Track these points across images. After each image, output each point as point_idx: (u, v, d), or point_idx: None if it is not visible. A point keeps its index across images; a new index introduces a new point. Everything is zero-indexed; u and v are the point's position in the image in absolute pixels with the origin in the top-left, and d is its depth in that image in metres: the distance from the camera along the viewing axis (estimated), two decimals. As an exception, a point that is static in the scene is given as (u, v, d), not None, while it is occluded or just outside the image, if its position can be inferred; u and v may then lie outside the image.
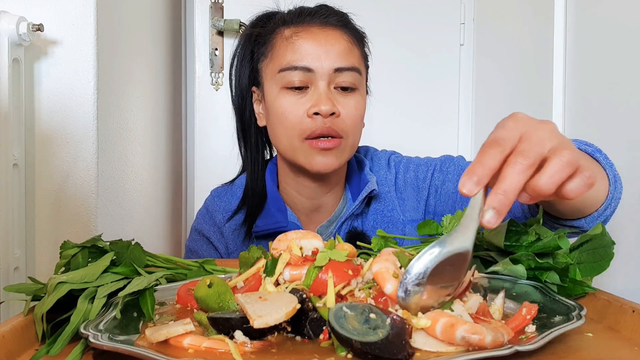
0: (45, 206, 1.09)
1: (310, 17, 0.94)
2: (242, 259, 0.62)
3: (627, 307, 0.54)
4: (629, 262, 1.13)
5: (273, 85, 0.93)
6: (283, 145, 0.94)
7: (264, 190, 1.01)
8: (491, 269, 0.65)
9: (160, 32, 1.69)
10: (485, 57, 1.95)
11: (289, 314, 0.46)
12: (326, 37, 0.92)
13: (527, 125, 0.49)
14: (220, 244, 1.03)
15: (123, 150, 1.33)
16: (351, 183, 1.02)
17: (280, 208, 0.99)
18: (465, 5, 2.00)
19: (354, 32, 0.97)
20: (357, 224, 0.99)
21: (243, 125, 1.02)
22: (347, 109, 0.91)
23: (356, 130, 0.94)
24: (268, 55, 0.95)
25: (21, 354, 0.50)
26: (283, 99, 0.91)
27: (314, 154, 0.90)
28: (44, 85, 1.08)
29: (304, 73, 0.90)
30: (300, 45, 0.91)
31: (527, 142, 0.47)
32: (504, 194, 0.45)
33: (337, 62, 0.90)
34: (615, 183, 0.74)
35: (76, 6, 1.09)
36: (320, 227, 1.01)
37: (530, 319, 0.49)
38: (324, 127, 0.89)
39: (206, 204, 1.09)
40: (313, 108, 0.88)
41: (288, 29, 0.94)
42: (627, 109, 1.18)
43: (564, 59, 1.51)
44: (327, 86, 0.90)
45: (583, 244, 0.64)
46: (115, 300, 0.55)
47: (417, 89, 2.00)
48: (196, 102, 1.82)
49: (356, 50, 0.95)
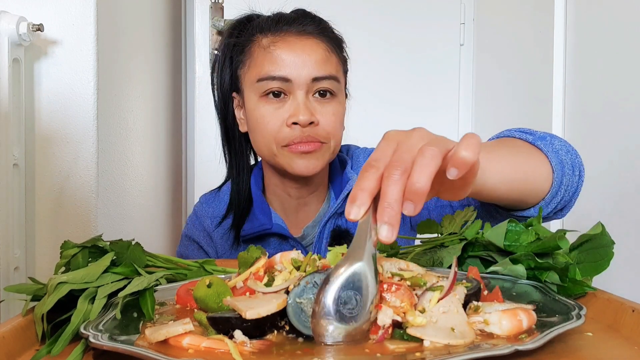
0: (45, 206, 1.09)
1: (288, 25, 0.95)
2: (241, 259, 0.62)
3: (627, 306, 0.54)
4: (629, 262, 1.13)
5: (252, 93, 0.94)
6: (264, 151, 0.95)
7: (249, 195, 1.02)
8: (491, 269, 0.65)
9: (160, 32, 1.69)
10: (485, 57, 1.95)
11: (280, 305, 0.47)
12: (303, 47, 0.92)
13: (397, 139, 0.50)
14: (210, 248, 1.05)
15: (123, 150, 1.33)
16: (334, 183, 1.03)
17: (265, 211, 1.01)
18: (465, 5, 2.00)
19: (332, 39, 0.97)
20: (340, 222, 0.99)
21: (227, 131, 1.03)
22: (325, 117, 0.92)
23: (336, 134, 0.95)
24: (246, 63, 0.96)
25: (21, 354, 0.50)
26: (262, 108, 0.92)
27: (294, 158, 0.92)
28: (44, 85, 1.08)
29: (282, 83, 0.91)
30: (278, 55, 0.91)
31: (397, 154, 0.48)
32: (389, 206, 0.45)
33: (314, 71, 0.91)
34: (563, 167, 0.73)
35: (76, 6, 1.09)
36: (306, 228, 1.02)
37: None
38: (302, 135, 0.90)
39: (195, 210, 1.10)
40: (291, 118, 0.90)
41: (266, 38, 0.94)
42: (627, 108, 1.19)
43: (564, 59, 1.51)
44: (306, 95, 0.91)
45: (583, 243, 0.64)
46: (115, 301, 0.55)
47: (417, 89, 2.00)
48: (196, 102, 1.82)
49: (334, 58, 0.96)
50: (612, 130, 1.21)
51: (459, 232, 0.75)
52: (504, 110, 1.82)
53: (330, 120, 0.93)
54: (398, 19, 1.95)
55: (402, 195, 0.46)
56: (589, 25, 1.38)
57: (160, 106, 1.68)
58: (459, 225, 0.76)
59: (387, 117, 1.88)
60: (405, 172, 0.46)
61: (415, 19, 1.98)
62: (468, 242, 0.69)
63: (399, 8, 1.96)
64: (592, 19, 1.37)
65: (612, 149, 1.08)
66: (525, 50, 1.70)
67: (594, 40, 1.35)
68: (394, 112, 1.91)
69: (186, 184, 1.92)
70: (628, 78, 1.19)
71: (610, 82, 1.26)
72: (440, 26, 2.00)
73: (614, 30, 1.26)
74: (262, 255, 0.62)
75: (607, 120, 1.25)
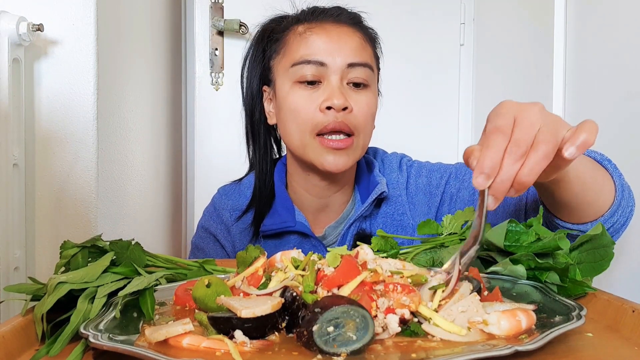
0: (45, 206, 1.09)
1: (324, 14, 0.95)
2: (239, 259, 0.62)
3: (627, 306, 0.54)
4: (629, 262, 1.13)
5: (285, 80, 0.93)
6: (294, 141, 0.93)
7: (272, 189, 1.01)
8: (491, 269, 0.65)
9: (160, 32, 1.69)
10: (485, 57, 1.95)
11: (275, 306, 0.47)
12: (339, 33, 0.92)
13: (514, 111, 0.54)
14: (227, 242, 1.03)
15: (123, 150, 1.33)
16: (360, 184, 1.01)
17: (288, 207, 0.99)
18: (465, 5, 2.00)
19: (367, 32, 0.98)
20: (365, 225, 0.98)
21: (252, 125, 1.02)
22: (359, 105, 0.91)
23: (367, 128, 0.93)
24: (280, 52, 0.95)
25: (21, 354, 0.50)
26: (295, 94, 0.91)
27: (324, 153, 0.90)
28: (44, 85, 1.08)
29: (316, 67, 0.90)
30: (314, 41, 0.91)
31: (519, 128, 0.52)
32: (501, 183, 0.51)
33: (350, 57, 0.90)
34: (622, 191, 0.74)
35: (76, 6, 1.09)
36: (328, 227, 1.00)
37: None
38: (336, 121, 0.88)
39: (214, 202, 1.08)
40: (326, 102, 0.88)
41: (301, 26, 0.94)
42: (627, 108, 1.18)
43: (564, 59, 1.50)
44: (340, 81, 0.90)
45: (583, 244, 0.64)
46: (115, 300, 0.55)
47: (417, 89, 2.00)
48: (196, 102, 1.82)
49: (369, 48, 0.96)
50: (612, 130, 1.21)
51: (459, 232, 0.75)
52: (504, 110, 1.82)
53: (364, 110, 0.91)
54: (398, 19, 1.95)
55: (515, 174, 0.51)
56: (589, 25, 1.38)
57: (160, 106, 1.68)
58: (459, 225, 0.76)
59: (387, 117, 1.88)
60: (523, 156, 0.51)
61: (415, 19, 1.98)
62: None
63: (399, 8, 1.96)
64: (592, 19, 1.37)
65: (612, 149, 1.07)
66: (525, 50, 1.70)
67: (594, 40, 1.35)
68: (394, 112, 1.90)
69: (186, 184, 1.92)
70: (628, 78, 1.19)
71: (611, 82, 1.26)
72: (440, 26, 2.00)
73: (614, 31, 1.26)
74: (261, 254, 0.62)
75: (607, 120, 1.25)
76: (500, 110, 0.55)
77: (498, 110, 0.56)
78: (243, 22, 1.76)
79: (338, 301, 0.45)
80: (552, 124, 0.53)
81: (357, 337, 0.44)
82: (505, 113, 0.54)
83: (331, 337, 0.43)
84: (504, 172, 0.51)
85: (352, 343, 0.43)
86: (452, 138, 2.04)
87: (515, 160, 0.51)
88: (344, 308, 0.44)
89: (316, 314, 0.44)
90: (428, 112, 2.01)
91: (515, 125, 0.53)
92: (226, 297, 0.52)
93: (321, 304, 0.45)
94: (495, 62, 1.89)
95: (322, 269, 0.53)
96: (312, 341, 0.43)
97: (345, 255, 0.55)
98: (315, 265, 0.54)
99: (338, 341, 0.43)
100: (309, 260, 0.56)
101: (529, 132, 0.52)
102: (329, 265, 0.53)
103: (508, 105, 0.56)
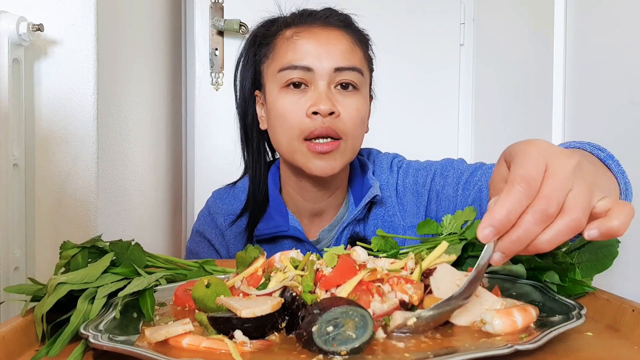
0: (45, 206, 1.09)
1: (312, 18, 0.94)
2: (239, 259, 0.62)
3: (626, 306, 0.54)
4: (629, 261, 1.13)
5: (273, 85, 0.92)
6: (283, 146, 0.93)
7: (266, 193, 1.00)
8: (491, 268, 0.65)
9: (160, 32, 1.69)
10: (485, 57, 1.95)
11: (274, 306, 0.47)
12: (327, 37, 0.91)
13: (547, 158, 0.45)
14: (221, 247, 1.03)
15: (123, 150, 1.33)
16: (354, 187, 1.01)
17: (282, 212, 0.98)
18: (465, 5, 2.00)
19: (357, 34, 0.96)
20: (358, 229, 0.98)
21: (245, 129, 1.01)
22: (347, 109, 0.90)
23: (356, 132, 0.92)
24: (269, 56, 0.95)
25: (21, 354, 0.50)
26: (283, 99, 0.91)
27: (311, 158, 0.89)
28: (44, 85, 1.08)
29: (304, 72, 0.89)
30: (301, 45, 0.90)
31: (551, 182, 0.44)
32: (517, 241, 0.44)
33: (337, 61, 0.89)
34: (626, 192, 0.72)
35: (76, 6, 1.09)
36: (322, 231, 1.00)
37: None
38: (322, 126, 0.88)
39: (208, 206, 1.08)
40: (312, 107, 0.88)
41: (289, 30, 0.94)
42: (627, 108, 1.18)
43: (564, 59, 1.50)
44: (327, 86, 0.89)
45: (587, 242, 0.64)
46: (115, 301, 0.55)
47: (417, 89, 2.00)
48: (196, 102, 1.82)
49: (358, 51, 0.94)
50: (612, 130, 1.21)
51: (459, 232, 0.75)
52: (504, 110, 1.82)
53: (352, 114, 0.90)
54: (398, 19, 1.95)
55: (532, 239, 0.44)
56: (589, 25, 1.38)
57: (160, 106, 1.68)
58: (459, 225, 0.76)
59: (387, 117, 1.88)
60: (549, 219, 0.43)
61: (415, 19, 1.97)
62: (468, 242, 0.69)
63: (399, 8, 1.96)
64: (593, 19, 1.37)
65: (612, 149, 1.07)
66: (525, 50, 1.70)
67: (594, 40, 1.35)
68: (394, 112, 1.91)
69: (186, 184, 1.92)
70: (629, 78, 1.19)
71: (611, 82, 1.26)
72: (440, 26, 2.00)
73: (614, 31, 1.26)
74: (261, 255, 0.62)
75: (607, 120, 1.25)
76: (531, 152, 0.46)
77: (527, 151, 0.46)
78: (243, 22, 1.77)
79: (337, 302, 0.46)
80: (587, 187, 0.45)
81: (356, 336, 0.44)
82: (537, 158, 0.45)
83: (331, 337, 0.43)
84: (522, 230, 0.43)
85: (352, 341, 0.43)
86: (452, 138, 2.04)
87: (540, 221, 0.43)
88: (343, 309, 0.45)
89: (315, 315, 0.44)
90: (428, 112, 2.01)
91: (547, 177, 0.44)
92: (226, 297, 0.52)
93: (320, 306, 0.45)
94: (495, 62, 1.89)
95: (320, 269, 0.54)
96: (312, 341, 0.43)
97: (342, 255, 0.55)
98: (314, 266, 0.54)
99: (338, 340, 0.43)
100: (307, 260, 0.56)
101: (562, 188, 0.44)
102: (327, 265, 0.53)
103: (541, 147, 0.46)
